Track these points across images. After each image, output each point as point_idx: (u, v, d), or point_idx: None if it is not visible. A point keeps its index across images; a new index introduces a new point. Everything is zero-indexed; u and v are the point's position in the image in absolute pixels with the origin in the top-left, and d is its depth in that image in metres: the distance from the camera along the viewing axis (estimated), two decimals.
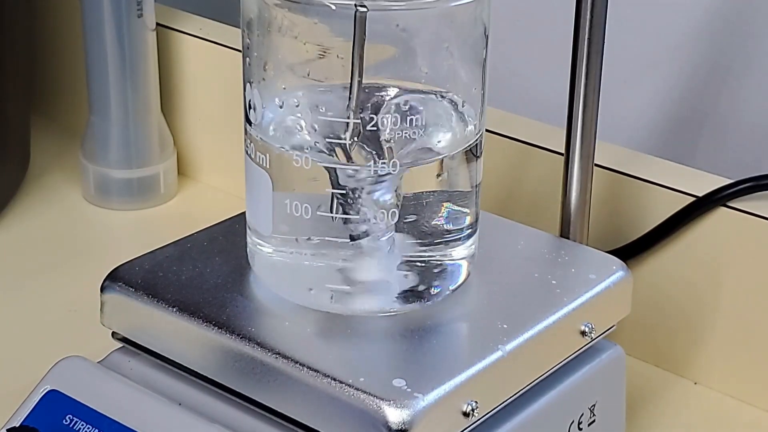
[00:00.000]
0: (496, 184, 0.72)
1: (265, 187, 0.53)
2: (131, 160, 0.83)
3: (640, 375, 0.68)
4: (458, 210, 0.54)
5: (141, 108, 0.82)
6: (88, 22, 0.81)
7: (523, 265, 0.59)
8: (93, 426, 0.54)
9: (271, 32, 0.52)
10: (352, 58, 0.50)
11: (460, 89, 0.54)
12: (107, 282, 0.57)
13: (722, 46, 0.78)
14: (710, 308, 0.66)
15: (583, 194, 0.62)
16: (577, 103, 0.61)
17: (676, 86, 0.80)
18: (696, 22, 0.78)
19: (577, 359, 0.57)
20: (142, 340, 0.56)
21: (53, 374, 0.56)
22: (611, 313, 0.58)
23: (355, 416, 0.49)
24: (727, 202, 0.65)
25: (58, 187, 0.86)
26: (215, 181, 0.87)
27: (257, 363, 0.52)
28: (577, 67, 0.60)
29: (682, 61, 0.79)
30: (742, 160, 0.78)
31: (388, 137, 0.51)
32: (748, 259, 0.65)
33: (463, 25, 0.53)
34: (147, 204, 0.84)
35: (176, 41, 0.85)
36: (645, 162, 0.69)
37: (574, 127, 0.61)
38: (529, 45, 0.85)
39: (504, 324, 0.53)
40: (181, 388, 0.55)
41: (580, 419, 0.57)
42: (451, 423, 0.50)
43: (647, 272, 0.68)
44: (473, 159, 0.54)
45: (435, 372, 0.50)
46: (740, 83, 0.78)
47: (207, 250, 0.58)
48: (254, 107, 0.53)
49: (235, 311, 0.54)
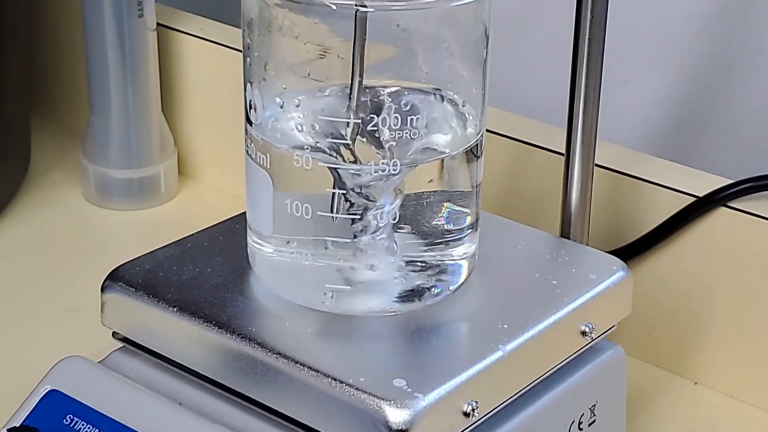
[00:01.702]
0: (496, 184, 0.72)
1: (266, 187, 0.53)
2: (132, 160, 0.83)
3: (640, 375, 0.68)
4: (459, 210, 0.54)
5: (141, 108, 0.82)
6: (89, 22, 0.81)
7: (523, 266, 0.59)
8: (93, 426, 0.54)
9: (271, 32, 0.52)
10: (352, 58, 0.50)
11: (461, 89, 0.54)
12: (108, 282, 0.57)
13: (723, 46, 0.78)
14: (710, 308, 0.66)
15: (584, 194, 0.62)
16: (578, 103, 0.61)
17: (677, 86, 0.80)
18: (696, 22, 0.78)
19: (578, 359, 0.57)
20: (142, 340, 0.56)
21: (54, 374, 0.56)
22: (612, 314, 0.58)
23: (355, 416, 0.49)
24: (728, 203, 0.65)
25: (58, 187, 0.86)
26: (216, 181, 0.87)
27: (258, 363, 0.52)
28: (577, 67, 0.60)
29: (683, 61, 0.79)
30: (742, 160, 0.78)
31: (389, 137, 0.51)
32: (748, 260, 0.65)
33: (464, 25, 0.53)
34: (147, 204, 0.84)
35: (177, 41, 0.85)
36: (645, 162, 0.69)
37: (574, 127, 0.61)
38: (529, 45, 0.85)
39: (504, 324, 0.53)
40: (182, 388, 0.55)
41: (580, 419, 0.57)
42: (452, 423, 0.50)
43: (648, 272, 0.68)
44: (474, 159, 0.54)
45: (435, 372, 0.50)
46: (741, 83, 0.78)
47: (207, 250, 0.58)
48: (255, 107, 0.53)
49: (235, 311, 0.54)
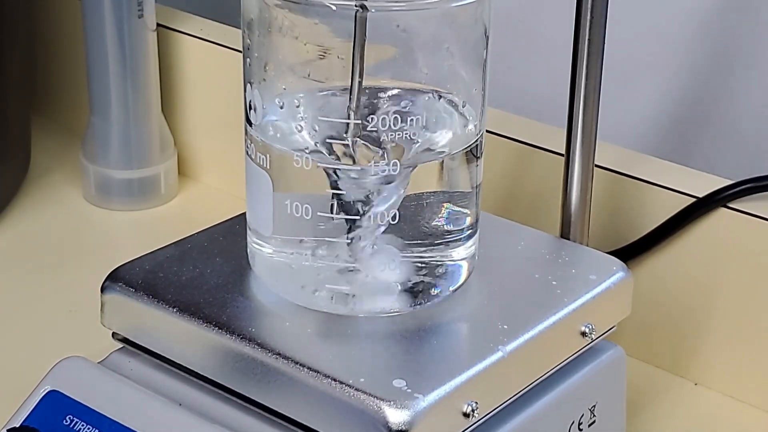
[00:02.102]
0: (496, 184, 0.72)
1: (266, 187, 0.53)
2: (132, 161, 0.83)
3: (640, 376, 0.68)
4: (459, 210, 0.54)
5: (141, 108, 0.82)
6: (89, 22, 0.81)
7: (523, 266, 0.59)
8: (93, 426, 0.54)
9: (271, 33, 0.52)
10: (352, 59, 0.50)
11: (461, 90, 0.54)
12: (108, 282, 0.57)
13: (723, 47, 0.78)
14: (710, 309, 0.66)
15: (584, 195, 0.62)
16: (578, 104, 0.61)
17: (677, 87, 0.80)
18: (696, 23, 0.78)
19: (578, 360, 0.57)
20: (142, 340, 0.56)
21: (53, 375, 0.56)
22: (612, 314, 0.58)
23: (355, 417, 0.49)
24: (728, 203, 0.65)
25: (58, 187, 0.86)
26: (216, 182, 0.87)
27: (257, 363, 0.52)
28: (577, 68, 0.60)
29: (683, 61, 0.79)
30: (742, 160, 0.78)
31: (389, 138, 0.51)
32: (748, 260, 0.65)
33: (464, 25, 0.53)
34: (147, 204, 0.84)
35: (177, 42, 0.85)
36: (645, 163, 0.69)
37: (574, 128, 0.61)
38: (529, 45, 0.85)
39: (504, 325, 0.53)
40: (182, 389, 0.55)
41: (580, 420, 0.57)
42: (452, 423, 0.50)
43: (647, 273, 0.68)
44: (474, 159, 0.54)
45: (435, 372, 0.50)
46: (741, 84, 0.78)
47: (207, 251, 0.58)
48: (255, 108, 0.53)
49: (235, 312, 0.54)
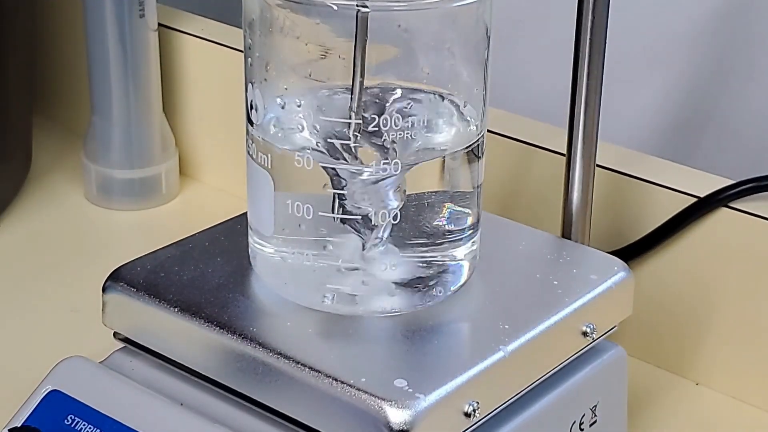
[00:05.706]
0: (497, 184, 0.72)
1: (267, 187, 0.53)
2: (133, 161, 0.83)
3: (641, 375, 0.68)
4: (460, 210, 0.54)
5: (143, 108, 0.82)
6: (90, 22, 0.81)
7: (524, 266, 0.59)
8: (95, 426, 0.54)
9: (272, 32, 0.52)
10: (353, 59, 0.50)
11: (462, 90, 0.54)
12: (109, 282, 0.57)
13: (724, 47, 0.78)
14: (712, 309, 0.66)
15: (585, 195, 0.62)
16: (579, 104, 0.61)
17: (678, 87, 0.80)
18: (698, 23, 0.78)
19: (579, 360, 0.57)
20: (143, 340, 0.56)
21: (55, 374, 0.56)
22: (613, 314, 0.58)
23: (356, 416, 0.49)
24: (729, 203, 0.65)
25: (60, 187, 0.86)
26: (217, 182, 0.87)
27: (259, 363, 0.52)
28: (578, 68, 0.60)
29: (684, 61, 0.79)
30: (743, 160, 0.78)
31: (390, 138, 0.51)
32: (749, 260, 0.65)
33: (465, 25, 0.53)
34: (149, 204, 0.84)
35: (178, 42, 0.85)
36: (647, 162, 0.69)
37: (575, 128, 0.61)
38: (530, 45, 0.85)
39: (505, 324, 0.53)
40: (183, 389, 0.55)
41: (581, 420, 0.57)
42: (453, 423, 0.50)
43: (649, 273, 0.68)
44: (475, 159, 0.54)
45: (436, 372, 0.50)
46: (742, 84, 0.78)
47: (208, 251, 0.58)
48: (256, 107, 0.53)
49: (236, 311, 0.54)
